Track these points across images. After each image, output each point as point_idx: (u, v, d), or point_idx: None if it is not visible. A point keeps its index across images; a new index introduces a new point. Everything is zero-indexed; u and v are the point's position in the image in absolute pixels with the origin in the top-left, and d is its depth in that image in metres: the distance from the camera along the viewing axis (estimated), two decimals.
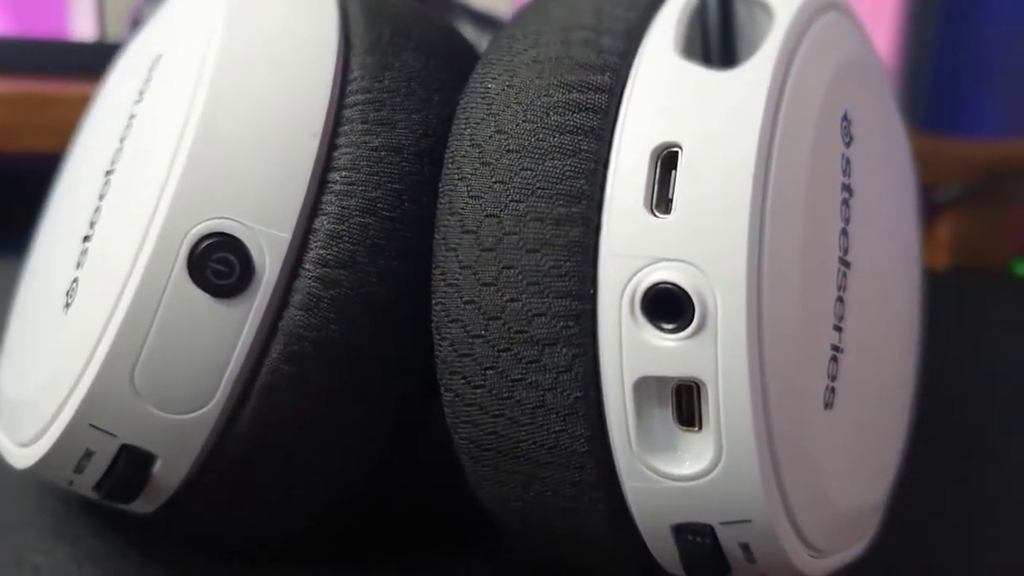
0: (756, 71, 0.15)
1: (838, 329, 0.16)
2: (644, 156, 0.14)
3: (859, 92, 0.17)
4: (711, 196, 0.14)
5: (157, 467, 0.16)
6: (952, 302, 0.44)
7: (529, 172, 0.15)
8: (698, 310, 0.14)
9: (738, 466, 0.14)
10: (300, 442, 0.17)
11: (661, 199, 0.14)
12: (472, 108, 0.16)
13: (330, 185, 0.16)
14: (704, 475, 0.15)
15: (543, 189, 0.15)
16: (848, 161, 0.16)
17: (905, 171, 0.20)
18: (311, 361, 0.16)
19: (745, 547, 0.15)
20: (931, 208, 0.49)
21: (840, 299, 0.16)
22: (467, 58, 0.18)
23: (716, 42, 0.15)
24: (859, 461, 0.18)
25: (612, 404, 0.15)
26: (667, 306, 0.14)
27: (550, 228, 0.15)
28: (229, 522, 0.18)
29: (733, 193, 0.14)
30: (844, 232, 0.16)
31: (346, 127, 0.16)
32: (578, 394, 0.15)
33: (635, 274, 0.14)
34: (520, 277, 0.15)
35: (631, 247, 0.14)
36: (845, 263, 0.16)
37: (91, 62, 0.23)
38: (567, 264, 0.15)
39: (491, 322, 0.15)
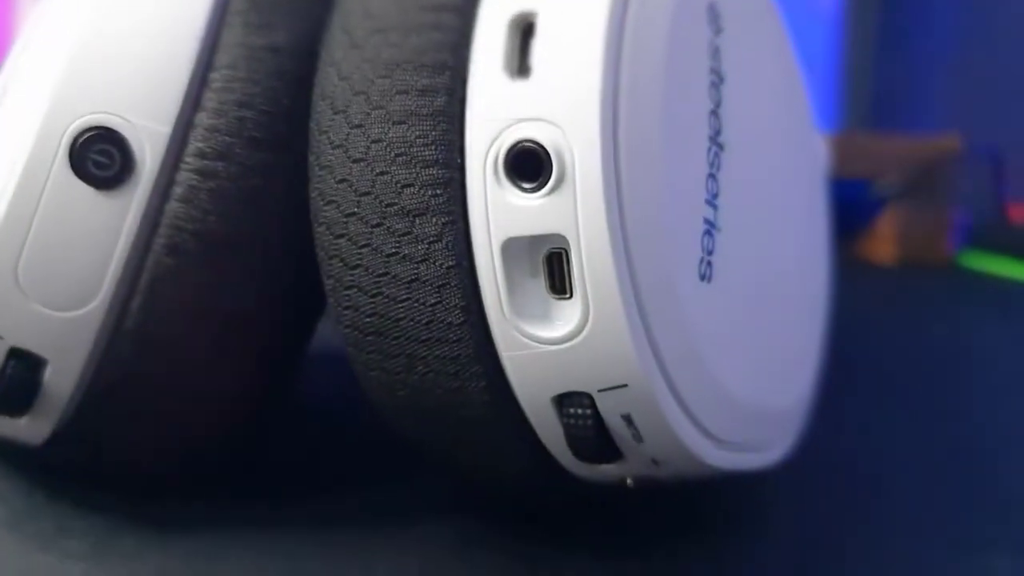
0: None
1: (712, 205, 0.16)
2: (503, 25, 0.15)
3: None
4: (565, 56, 0.14)
5: (48, 373, 0.16)
6: (909, 295, 0.45)
7: (395, 49, 0.15)
8: (556, 166, 0.14)
9: (605, 323, 0.15)
10: (189, 340, 0.17)
11: (522, 66, 0.15)
12: (345, 1, 0.16)
13: (211, 83, 0.16)
14: (574, 336, 0.15)
15: (408, 63, 0.15)
16: (717, 49, 0.17)
17: (795, 83, 0.21)
18: (192, 253, 0.16)
19: (628, 420, 0.15)
20: (874, 204, 0.50)
21: (712, 176, 0.16)
22: None
23: None
24: (758, 353, 0.18)
25: (484, 271, 0.15)
26: (527, 165, 0.14)
27: (415, 99, 0.15)
28: (128, 440, 0.18)
29: (585, 51, 0.14)
30: (714, 113, 0.17)
31: (228, 30, 0.17)
32: (450, 263, 0.15)
33: (497, 136, 0.15)
34: (388, 150, 0.15)
35: (493, 111, 0.15)
36: (718, 144, 0.17)
37: None
38: (433, 133, 0.15)
39: (363, 198, 0.15)
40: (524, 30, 0.15)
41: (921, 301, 0.44)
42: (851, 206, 0.51)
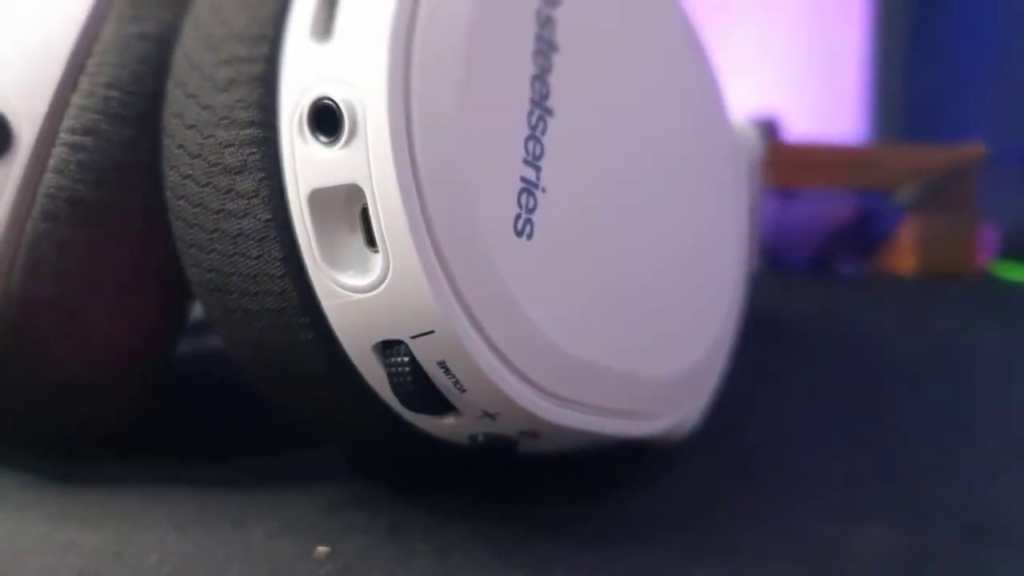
0: None
1: (532, 166, 0.17)
2: None
3: None
4: (361, 19, 0.16)
5: None
6: (924, 304, 0.44)
7: (225, 27, 0.17)
8: (348, 120, 0.15)
9: (404, 270, 0.15)
10: (71, 300, 0.18)
11: (326, 32, 0.16)
12: None
13: (86, 68, 0.18)
14: (379, 284, 0.16)
15: (234, 37, 0.17)
16: (549, 18, 0.18)
17: (695, 73, 0.21)
18: (65, 218, 0.18)
19: (445, 367, 0.16)
20: (896, 213, 0.49)
21: (535, 138, 0.17)
22: None
23: None
24: (613, 317, 0.18)
25: (297, 223, 0.16)
26: (325, 120, 0.15)
27: (236, 68, 0.16)
28: (34, 405, 0.20)
29: (377, 15, 0.15)
30: (539, 79, 0.17)
31: (106, 23, 0.19)
32: (267, 216, 0.16)
33: (301, 95, 0.16)
34: (213, 114, 0.16)
35: (299, 73, 0.16)
36: (544, 108, 0.17)
37: None
38: (250, 97, 0.16)
39: (195, 160, 0.17)
40: (332, 0, 0.16)
41: (935, 309, 0.43)
42: (872, 217, 0.50)
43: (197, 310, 0.20)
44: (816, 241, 0.50)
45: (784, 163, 0.47)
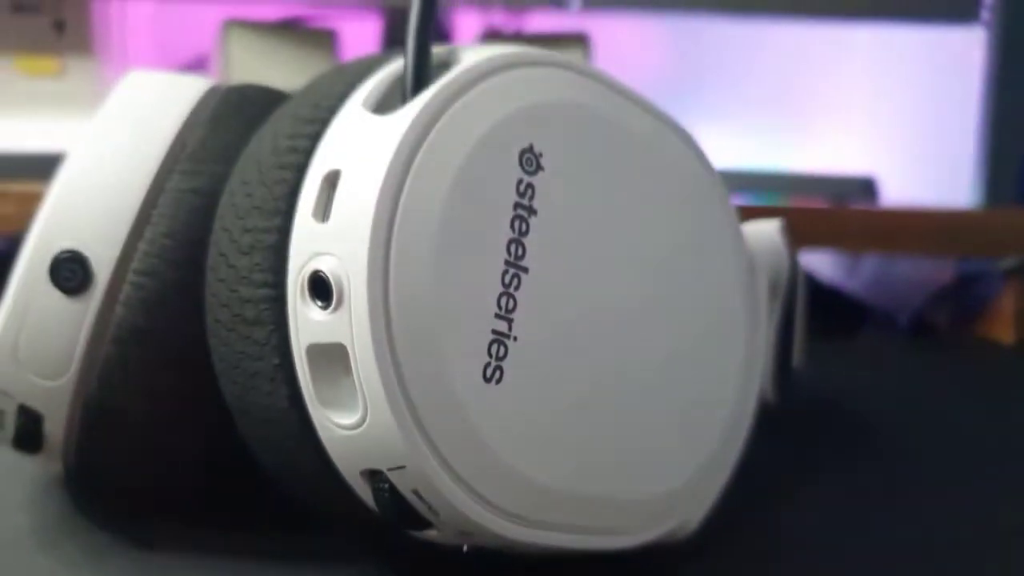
0: (407, 114, 0.19)
1: (504, 319, 0.19)
2: (318, 180, 0.19)
3: (561, 132, 0.21)
4: (350, 203, 0.18)
5: (46, 425, 0.23)
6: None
7: (249, 198, 0.20)
8: (336, 291, 0.18)
9: (378, 416, 0.18)
10: (137, 404, 0.22)
11: (325, 212, 0.19)
12: (236, 164, 0.21)
13: (152, 219, 0.22)
14: (359, 425, 0.18)
15: (257, 209, 0.20)
16: (529, 185, 0.20)
17: (687, 204, 0.23)
18: (128, 343, 0.22)
19: (418, 495, 0.19)
20: (999, 278, 0.47)
21: (508, 295, 0.19)
22: None
23: (398, 96, 0.20)
24: (581, 447, 0.20)
25: (299, 369, 0.19)
26: (320, 289, 0.18)
27: (255, 236, 0.20)
28: (114, 480, 0.24)
29: (363, 200, 0.18)
30: (516, 242, 0.19)
31: (169, 178, 0.22)
32: (276, 362, 0.19)
33: (304, 266, 0.19)
34: (237, 273, 0.20)
35: (303, 246, 0.19)
36: (519, 267, 0.19)
37: None
38: (265, 262, 0.19)
39: (223, 309, 0.20)
40: (332, 184, 0.19)
41: None
42: (974, 281, 0.49)
43: None
44: (915, 303, 0.49)
45: (879, 229, 0.47)
